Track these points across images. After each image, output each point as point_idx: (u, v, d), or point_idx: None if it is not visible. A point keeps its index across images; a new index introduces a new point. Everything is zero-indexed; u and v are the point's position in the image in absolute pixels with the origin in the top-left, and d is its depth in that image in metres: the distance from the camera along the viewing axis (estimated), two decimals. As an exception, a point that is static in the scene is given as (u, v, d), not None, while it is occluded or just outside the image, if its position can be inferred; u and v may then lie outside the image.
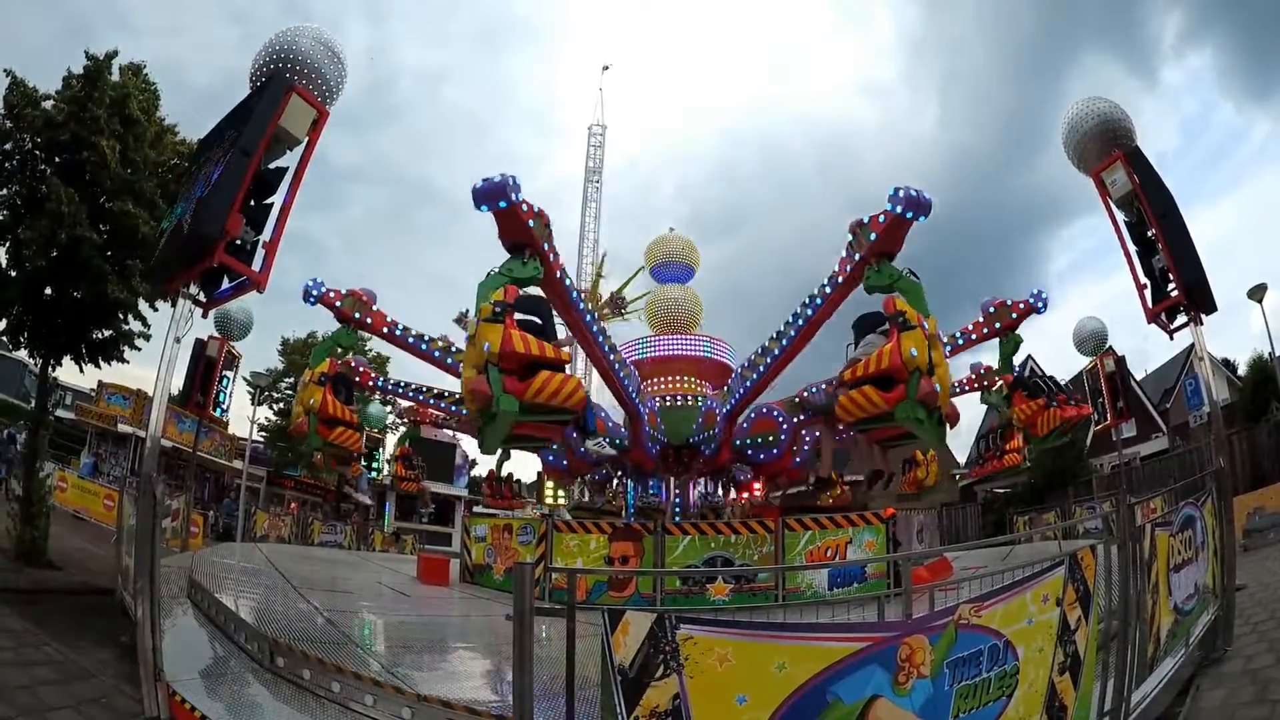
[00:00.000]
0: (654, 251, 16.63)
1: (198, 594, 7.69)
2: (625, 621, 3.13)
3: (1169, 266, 6.97)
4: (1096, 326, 15.65)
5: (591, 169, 36.52)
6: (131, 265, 10.71)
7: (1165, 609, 5.21)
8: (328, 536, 25.36)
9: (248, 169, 5.70)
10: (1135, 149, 7.39)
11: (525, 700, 3.35)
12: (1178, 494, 8.95)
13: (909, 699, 3.21)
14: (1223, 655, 6.02)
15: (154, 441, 5.63)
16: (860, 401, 6.65)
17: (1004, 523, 23.43)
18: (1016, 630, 3.60)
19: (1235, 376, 26.26)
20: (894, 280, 7.05)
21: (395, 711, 4.57)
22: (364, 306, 10.99)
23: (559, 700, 3.64)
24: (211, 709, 4.64)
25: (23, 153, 10.56)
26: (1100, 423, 16.00)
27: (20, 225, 10.14)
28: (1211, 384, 8.11)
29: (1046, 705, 3.73)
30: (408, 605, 10.47)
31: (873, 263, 7.30)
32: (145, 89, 11.39)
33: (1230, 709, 5.00)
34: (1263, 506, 13.50)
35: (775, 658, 3.10)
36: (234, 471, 25.34)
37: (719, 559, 10.50)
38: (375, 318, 11.12)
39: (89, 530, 15.51)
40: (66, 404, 25.63)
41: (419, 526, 35.42)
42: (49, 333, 10.75)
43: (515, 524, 12.70)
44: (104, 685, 5.95)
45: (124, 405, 22.83)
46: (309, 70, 6.34)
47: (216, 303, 6.10)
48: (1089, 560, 4.16)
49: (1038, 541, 12.99)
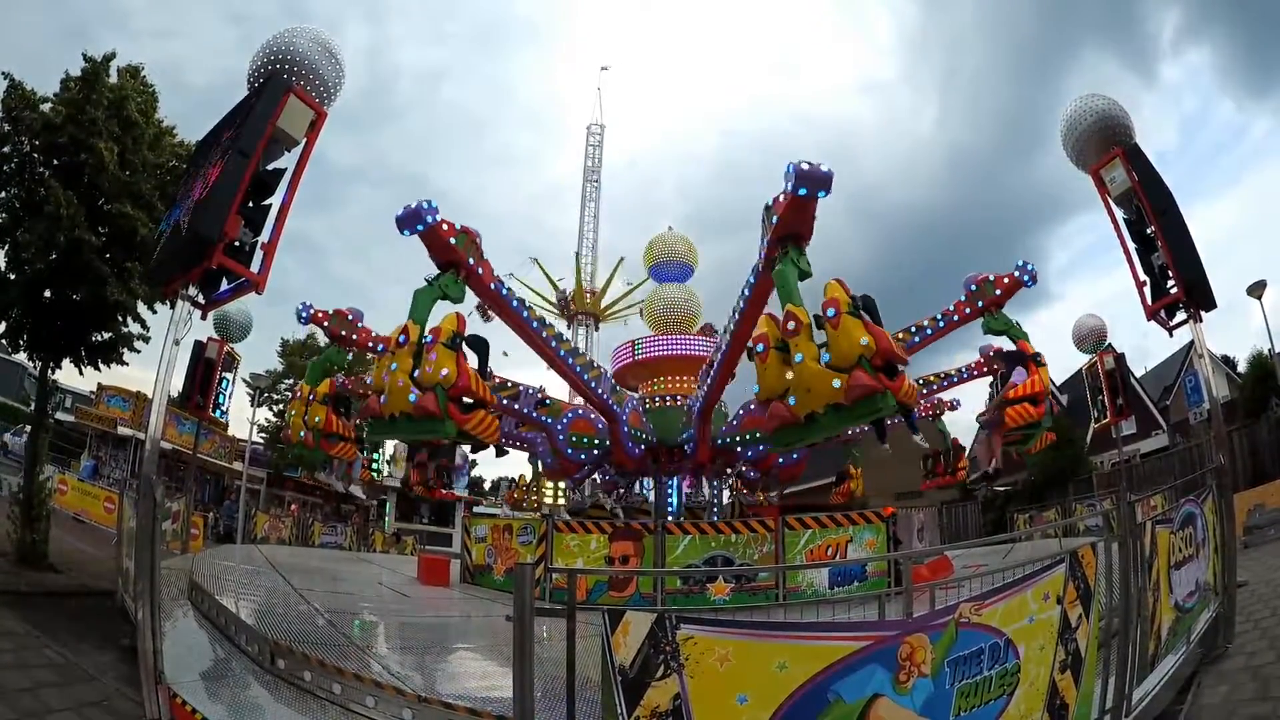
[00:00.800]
0: (653, 250, 16.61)
1: (198, 596, 7.69)
2: (625, 621, 3.13)
3: (1168, 263, 6.96)
4: (1096, 324, 15.63)
5: (590, 168, 36.49)
6: (130, 267, 10.72)
7: (1166, 606, 5.21)
8: (328, 538, 25.39)
9: (246, 170, 5.70)
10: (1134, 146, 7.38)
11: (526, 701, 3.35)
12: (1178, 491, 8.94)
13: (910, 698, 3.21)
14: (1224, 652, 6.01)
15: (154, 444, 5.62)
16: (1022, 414, 8.48)
17: (1004, 521, 23.45)
18: (1017, 628, 3.60)
19: (1235, 373, 26.25)
20: (1008, 328, 9.24)
21: (396, 713, 4.56)
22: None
23: (560, 701, 3.64)
24: (212, 711, 4.63)
25: (21, 155, 10.55)
26: (1100, 420, 16.00)
27: (19, 228, 10.15)
28: (1211, 381, 8.09)
29: (1048, 703, 3.73)
30: (408, 606, 10.46)
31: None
32: (144, 91, 11.39)
33: (1232, 706, 4.99)
34: (1263, 503, 13.51)
35: (776, 657, 3.10)
36: (234, 473, 25.35)
37: (719, 558, 10.49)
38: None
39: (89, 533, 15.51)
40: (66, 407, 25.67)
41: (419, 527, 35.45)
42: (48, 335, 10.75)
43: (515, 524, 12.71)
44: (105, 688, 5.96)
45: (124, 407, 22.82)
46: (307, 71, 6.34)
47: (215, 304, 6.09)
48: (1090, 558, 4.16)
49: (1038, 539, 12.97)
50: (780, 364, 6.20)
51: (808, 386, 5.90)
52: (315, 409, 10.73)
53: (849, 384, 5.67)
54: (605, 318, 29.90)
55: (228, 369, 13.69)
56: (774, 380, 6.20)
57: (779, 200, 6.85)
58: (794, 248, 6.81)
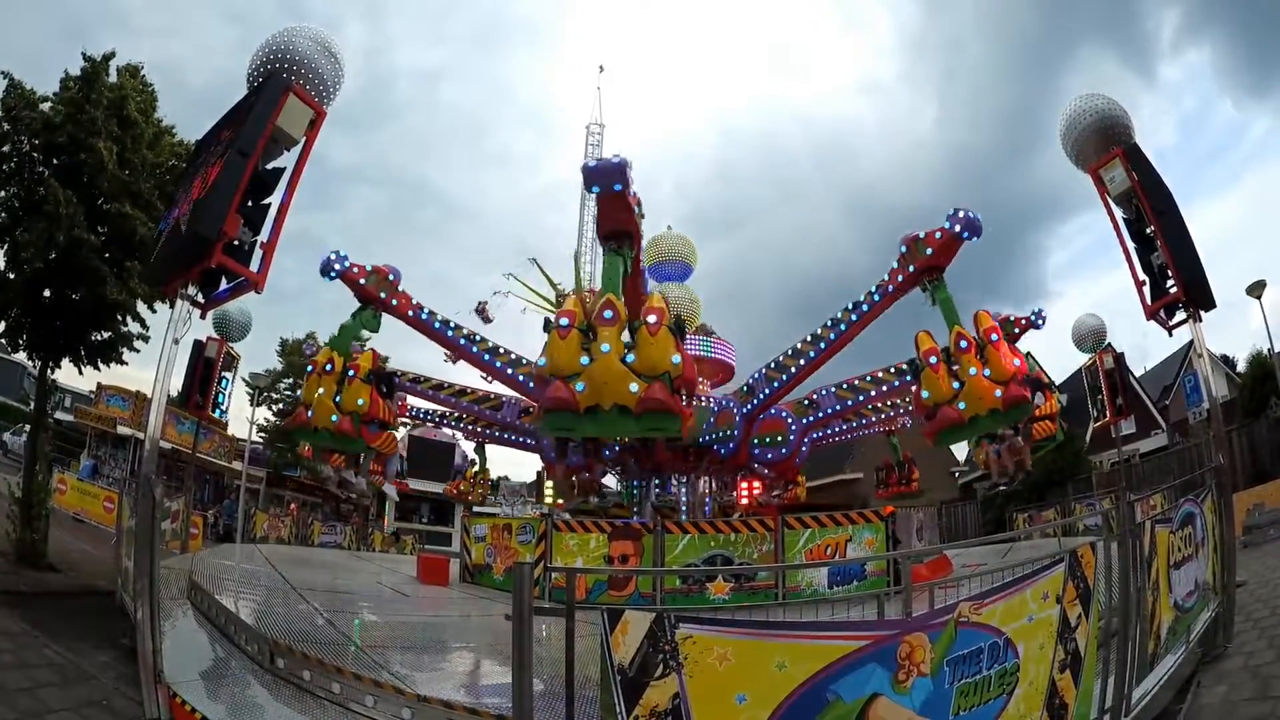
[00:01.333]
0: (651, 250, 16.61)
1: (198, 595, 7.69)
2: (624, 621, 3.12)
3: (1168, 263, 6.96)
4: (1095, 323, 15.63)
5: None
6: (130, 267, 10.71)
7: (1166, 606, 5.21)
8: (327, 537, 25.39)
9: (245, 169, 5.69)
10: (1134, 145, 7.37)
11: (525, 700, 3.35)
12: (1178, 490, 8.97)
13: (909, 697, 3.21)
14: (1223, 652, 6.02)
15: (153, 443, 5.61)
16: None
17: (1003, 520, 23.46)
18: (1017, 628, 3.60)
19: (1234, 373, 26.27)
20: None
21: (395, 712, 4.56)
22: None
23: (559, 700, 3.64)
24: (212, 710, 4.63)
25: (20, 155, 10.54)
26: (1099, 419, 16.02)
27: (18, 227, 10.14)
28: (1211, 380, 8.09)
29: (1047, 703, 3.73)
30: (408, 605, 10.47)
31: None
32: (143, 90, 11.37)
33: (1231, 705, 4.99)
34: (1263, 503, 13.52)
35: (775, 656, 3.10)
36: (233, 472, 25.33)
37: (719, 558, 10.49)
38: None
39: (89, 532, 15.51)
40: (66, 406, 25.66)
41: (418, 526, 35.45)
42: (48, 335, 10.74)
43: (515, 523, 12.71)
44: (104, 687, 5.95)
45: (123, 407, 22.79)
46: (306, 70, 6.34)
47: (215, 304, 6.09)
48: (1089, 557, 4.16)
49: (1038, 539, 12.97)
50: (948, 375, 7.89)
51: (978, 395, 7.65)
52: (356, 388, 9.04)
53: (1006, 394, 7.59)
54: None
55: (227, 368, 13.71)
56: (945, 388, 7.88)
57: (933, 235, 8.39)
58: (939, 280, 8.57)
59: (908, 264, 9.17)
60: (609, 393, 6.08)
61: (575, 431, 6.64)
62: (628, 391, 6.01)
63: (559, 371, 6.25)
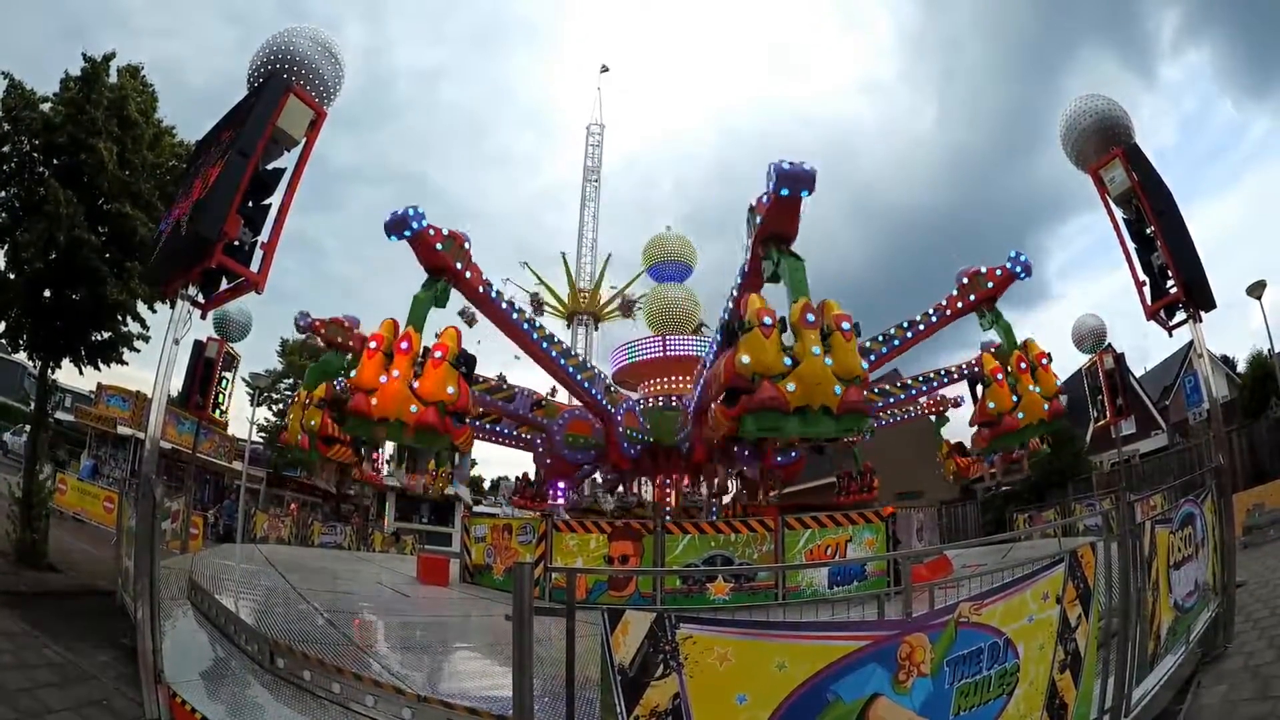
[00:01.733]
0: (651, 250, 16.63)
1: (198, 595, 7.69)
2: (625, 621, 3.12)
3: (1168, 263, 6.96)
4: (1095, 324, 15.61)
5: (590, 168, 36.41)
6: (130, 267, 10.71)
7: (1165, 606, 5.21)
8: (327, 537, 25.37)
9: (246, 170, 5.69)
10: (1134, 146, 7.38)
11: (525, 700, 3.35)
12: (1178, 491, 8.97)
13: (909, 697, 3.21)
14: (1223, 652, 6.02)
15: (153, 443, 5.62)
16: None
17: (1004, 520, 23.43)
18: (1017, 628, 3.60)
19: (1234, 373, 26.26)
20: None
21: (396, 712, 4.56)
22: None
23: (559, 700, 3.64)
24: (212, 710, 4.64)
25: (21, 155, 10.54)
26: (1099, 420, 16.01)
27: (19, 228, 10.14)
28: (1211, 381, 8.10)
29: (1047, 703, 3.73)
30: (408, 605, 10.47)
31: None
32: (143, 91, 11.37)
33: (1231, 706, 4.99)
34: (1263, 503, 13.51)
35: (775, 657, 3.10)
36: (233, 473, 25.33)
37: (719, 558, 10.49)
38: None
39: (89, 532, 15.51)
40: (66, 406, 25.65)
41: (419, 527, 35.43)
42: (48, 335, 10.74)
43: (515, 524, 12.72)
44: (104, 687, 5.95)
45: (123, 407, 22.79)
46: (307, 70, 6.33)
47: (215, 304, 6.08)
48: (1089, 558, 4.16)
49: (1038, 539, 12.97)
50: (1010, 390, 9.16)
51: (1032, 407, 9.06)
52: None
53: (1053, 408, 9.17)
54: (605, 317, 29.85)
55: (227, 368, 13.67)
56: (1007, 401, 9.13)
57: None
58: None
59: (968, 293, 10.57)
60: (819, 394, 6.34)
61: (781, 431, 6.69)
62: (833, 393, 6.36)
63: (767, 371, 6.40)
